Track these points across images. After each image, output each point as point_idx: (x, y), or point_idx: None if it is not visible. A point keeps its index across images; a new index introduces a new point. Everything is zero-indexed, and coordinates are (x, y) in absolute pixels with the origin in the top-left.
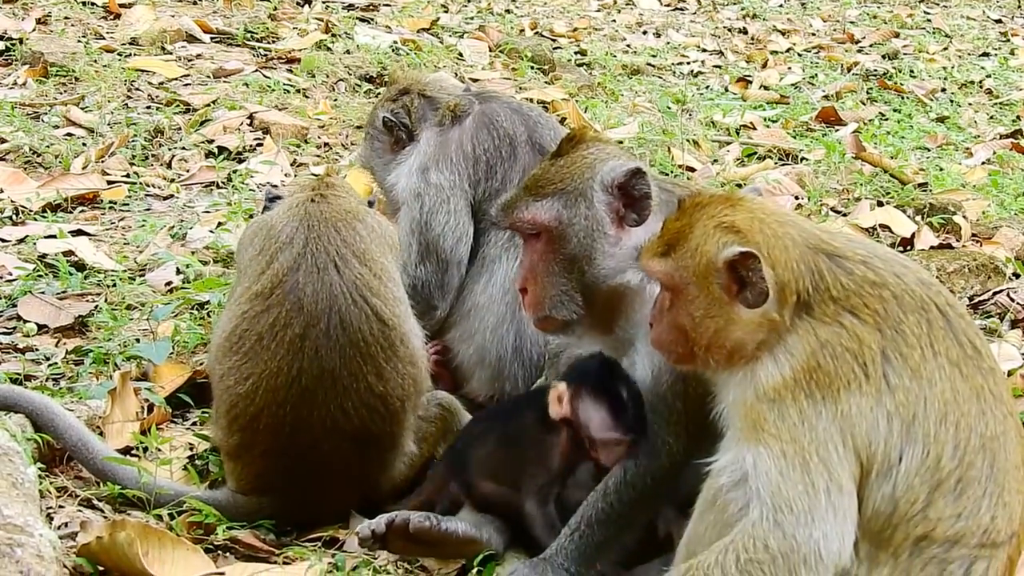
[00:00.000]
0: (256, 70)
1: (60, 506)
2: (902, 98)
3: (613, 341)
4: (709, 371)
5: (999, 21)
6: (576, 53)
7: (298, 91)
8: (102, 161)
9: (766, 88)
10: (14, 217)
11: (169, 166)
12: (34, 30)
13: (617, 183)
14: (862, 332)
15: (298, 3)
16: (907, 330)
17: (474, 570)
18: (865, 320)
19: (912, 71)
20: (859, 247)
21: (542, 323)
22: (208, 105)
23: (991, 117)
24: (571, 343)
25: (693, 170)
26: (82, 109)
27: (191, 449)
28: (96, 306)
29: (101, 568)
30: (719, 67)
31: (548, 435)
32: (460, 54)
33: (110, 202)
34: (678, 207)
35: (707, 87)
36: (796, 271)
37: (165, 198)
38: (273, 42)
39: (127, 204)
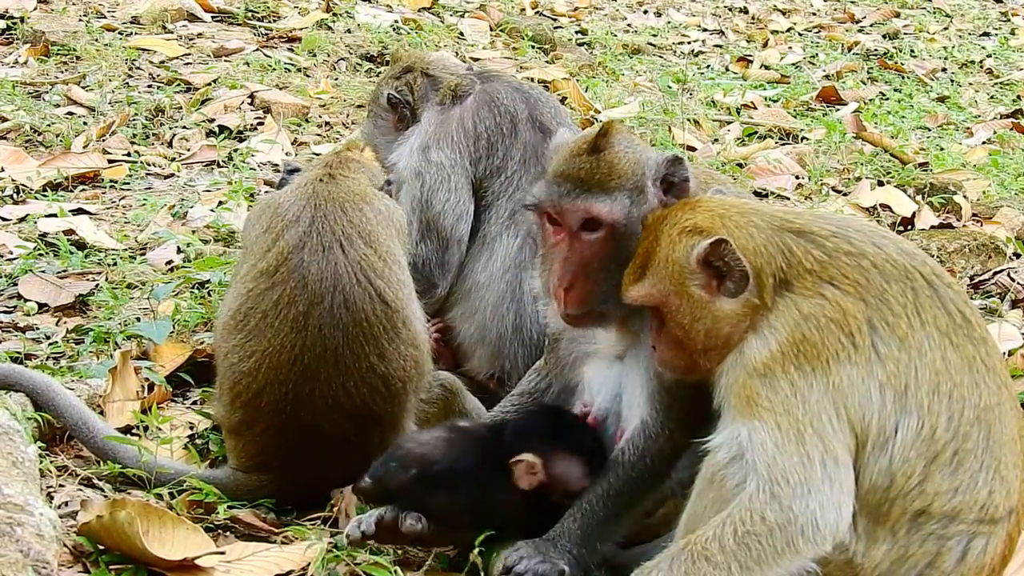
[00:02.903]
0: (257, 49)
1: (60, 485)
2: (903, 78)
3: (623, 332)
4: (712, 375)
5: (999, 1)
6: (577, 32)
7: (299, 70)
8: (103, 140)
9: (767, 68)
10: (15, 196)
11: (170, 145)
12: (35, 9)
13: (662, 174)
14: (844, 302)
15: None
16: (891, 299)
17: (475, 550)
18: (846, 290)
19: (913, 51)
20: (827, 222)
21: (580, 319)
22: (209, 84)
23: (991, 97)
24: (572, 329)
25: (694, 149)
26: (83, 88)
27: (191, 428)
28: (97, 285)
29: (101, 547)
30: (720, 47)
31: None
32: (461, 33)
33: (111, 181)
34: (641, 228)
35: (708, 66)
36: (766, 254)
37: (166, 177)
38: (274, 21)
39: (128, 183)
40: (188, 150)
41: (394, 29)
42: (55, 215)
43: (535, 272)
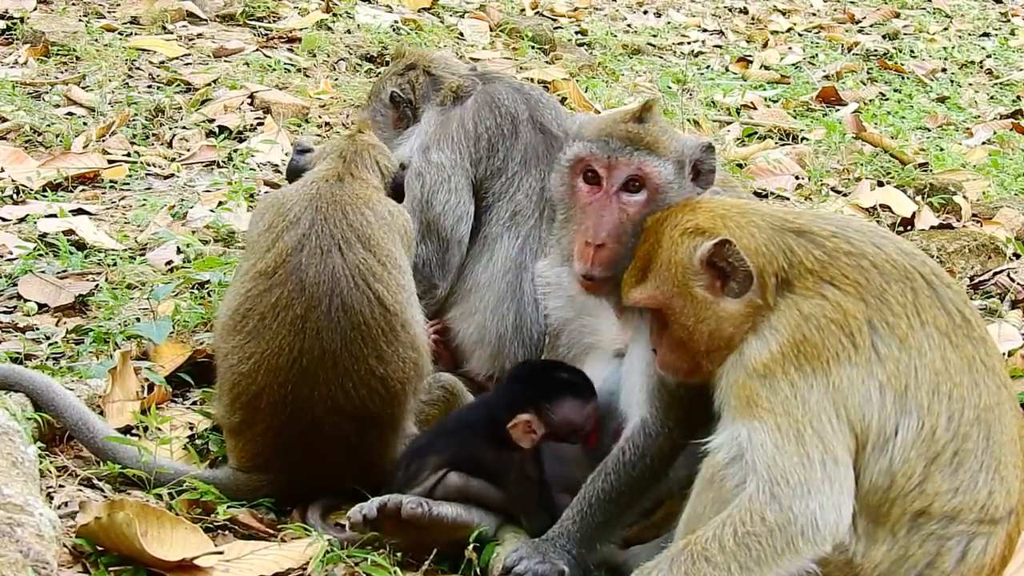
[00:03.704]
0: (257, 49)
1: (60, 485)
2: (902, 78)
3: (624, 321)
4: (713, 376)
5: (999, 1)
6: (577, 33)
7: (299, 70)
8: (103, 140)
9: (766, 68)
10: (15, 196)
11: (170, 145)
12: (35, 9)
13: (696, 158)
14: (845, 302)
15: None
16: (891, 299)
17: (470, 546)
18: (846, 291)
19: (912, 51)
20: (827, 223)
21: (598, 284)
22: (209, 84)
23: (991, 97)
24: (576, 318)
25: None
26: (83, 88)
27: (191, 428)
28: (96, 285)
29: (100, 548)
30: (720, 47)
31: (507, 454)
32: (461, 34)
33: (111, 181)
34: (641, 230)
35: (708, 67)
36: (767, 253)
37: (166, 177)
38: (274, 21)
39: (128, 183)
40: (188, 150)
41: (394, 29)
42: (55, 215)
43: (553, 237)
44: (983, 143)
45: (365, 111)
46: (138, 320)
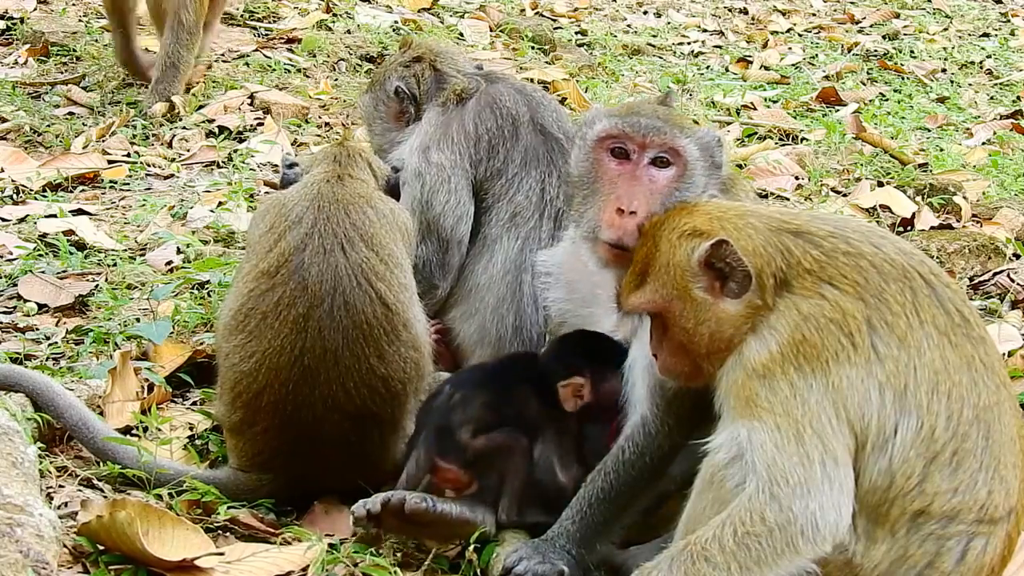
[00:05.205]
0: (257, 50)
1: (60, 486)
2: (902, 78)
3: (624, 316)
4: (713, 379)
5: (999, 1)
6: (577, 33)
7: (299, 71)
8: (103, 140)
9: (766, 68)
10: (15, 196)
11: (170, 146)
12: (35, 9)
13: (712, 148)
14: (844, 302)
15: None
16: (890, 298)
17: (471, 547)
18: (845, 290)
19: (912, 51)
20: (824, 223)
21: (622, 256)
22: (209, 85)
23: (991, 98)
24: (576, 309)
25: None
26: (83, 88)
27: (191, 429)
28: (96, 286)
29: (101, 548)
30: (720, 47)
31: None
32: (461, 34)
33: (111, 182)
34: (639, 235)
35: (707, 67)
36: (765, 254)
37: (166, 178)
38: (274, 22)
39: (128, 184)
40: (188, 151)
41: (394, 30)
42: (55, 216)
43: (573, 213)
44: (983, 143)
45: (366, 95)
46: (138, 320)
